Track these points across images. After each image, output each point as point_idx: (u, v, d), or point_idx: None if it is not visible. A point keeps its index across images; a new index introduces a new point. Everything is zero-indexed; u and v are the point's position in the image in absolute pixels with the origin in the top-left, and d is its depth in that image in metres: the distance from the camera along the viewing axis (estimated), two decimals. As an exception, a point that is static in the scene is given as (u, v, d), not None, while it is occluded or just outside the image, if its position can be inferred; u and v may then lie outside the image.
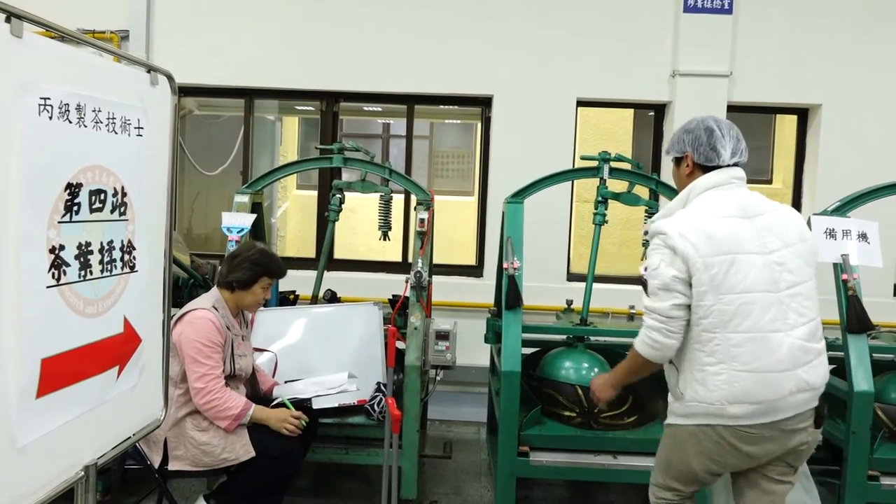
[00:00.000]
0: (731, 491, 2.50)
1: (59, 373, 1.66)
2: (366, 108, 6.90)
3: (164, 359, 2.21)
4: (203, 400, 2.89)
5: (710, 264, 2.16)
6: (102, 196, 1.80)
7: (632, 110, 6.97)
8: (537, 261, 4.97)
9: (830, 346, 3.93)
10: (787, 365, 2.17)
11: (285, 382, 3.46)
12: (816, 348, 2.26)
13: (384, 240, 4.44)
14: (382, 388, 3.58)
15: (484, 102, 5.93)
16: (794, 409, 2.22)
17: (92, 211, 1.76)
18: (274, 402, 3.18)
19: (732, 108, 5.68)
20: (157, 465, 2.95)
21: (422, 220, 3.95)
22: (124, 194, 1.90)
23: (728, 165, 2.34)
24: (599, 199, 4.08)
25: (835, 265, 3.71)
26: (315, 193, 6.22)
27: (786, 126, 7.05)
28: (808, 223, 3.87)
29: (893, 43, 5.63)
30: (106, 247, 1.83)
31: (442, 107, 6.45)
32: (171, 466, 2.95)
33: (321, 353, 3.71)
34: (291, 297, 4.36)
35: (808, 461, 4.40)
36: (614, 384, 2.58)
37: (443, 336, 3.73)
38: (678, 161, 2.47)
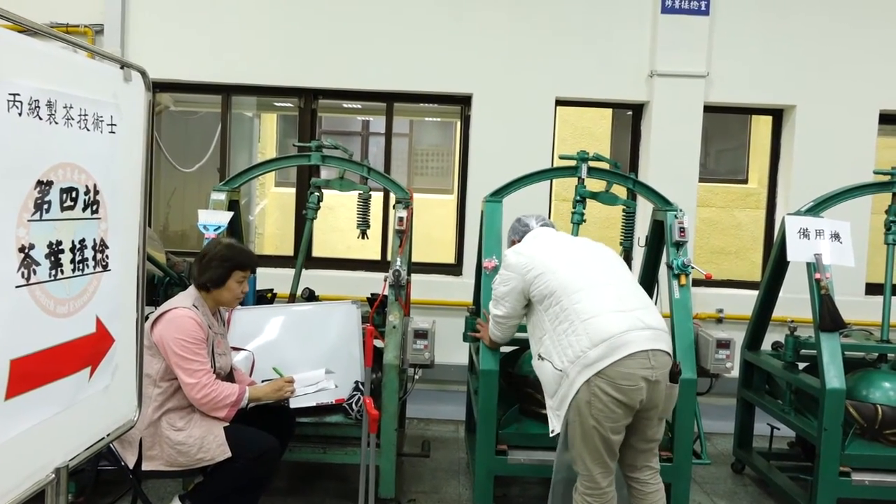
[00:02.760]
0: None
1: (29, 374, 1.62)
2: (345, 106, 6.87)
3: (137, 359, 2.18)
4: (199, 395, 2.88)
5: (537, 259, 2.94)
6: (74, 194, 1.77)
7: (610, 110, 7.01)
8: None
9: (804, 344, 4.02)
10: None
11: (262, 382, 3.43)
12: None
13: (363, 238, 4.42)
14: (361, 386, 3.56)
15: (463, 101, 5.93)
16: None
17: (63, 209, 1.73)
18: (250, 404, 3.15)
19: (709, 109, 5.74)
20: (131, 466, 2.91)
21: (400, 219, 3.94)
22: (97, 192, 1.87)
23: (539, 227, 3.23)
24: (578, 198, 4.10)
25: (808, 264, 3.77)
26: (294, 191, 6.17)
27: (761, 126, 7.14)
28: (783, 223, 3.94)
29: (866, 45, 5.71)
30: (78, 245, 1.80)
31: (422, 105, 6.44)
32: (146, 466, 2.91)
33: (299, 352, 3.68)
34: (269, 295, 4.33)
35: (784, 457, 4.49)
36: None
37: (421, 335, 3.72)
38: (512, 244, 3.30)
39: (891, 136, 6.26)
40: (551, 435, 2.87)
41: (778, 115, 5.99)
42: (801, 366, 4.09)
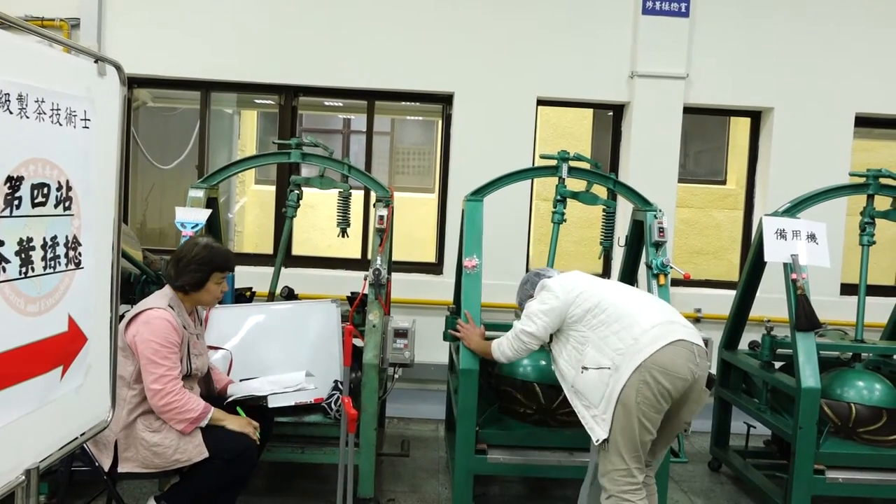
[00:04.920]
0: None
1: (-3, 374, 1.59)
2: (326, 103, 6.83)
3: (111, 358, 2.15)
4: (161, 402, 2.81)
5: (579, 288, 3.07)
6: (45, 190, 1.74)
7: (591, 110, 7.03)
8: (497, 259, 4.98)
9: (780, 343, 4.06)
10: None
11: (241, 381, 3.40)
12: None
13: (343, 236, 4.40)
14: (339, 386, 3.54)
15: (445, 100, 5.91)
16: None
17: (34, 205, 1.70)
18: (227, 401, 3.12)
19: (688, 110, 5.78)
20: (106, 468, 2.86)
21: (381, 217, 3.92)
22: (69, 188, 1.84)
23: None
24: (558, 197, 4.11)
25: (785, 265, 3.81)
26: (274, 189, 6.13)
27: (740, 128, 7.21)
28: (760, 224, 3.98)
29: (842, 49, 5.78)
30: (49, 242, 1.77)
31: (403, 103, 6.42)
32: (121, 468, 2.87)
33: (278, 351, 3.65)
34: (248, 293, 4.29)
35: (760, 455, 4.54)
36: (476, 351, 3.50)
37: (401, 334, 3.71)
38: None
39: (866, 138, 6.35)
40: (596, 443, 2.85)
41: (756, 117, 6.05)
42: (778, 365, 4.13)
